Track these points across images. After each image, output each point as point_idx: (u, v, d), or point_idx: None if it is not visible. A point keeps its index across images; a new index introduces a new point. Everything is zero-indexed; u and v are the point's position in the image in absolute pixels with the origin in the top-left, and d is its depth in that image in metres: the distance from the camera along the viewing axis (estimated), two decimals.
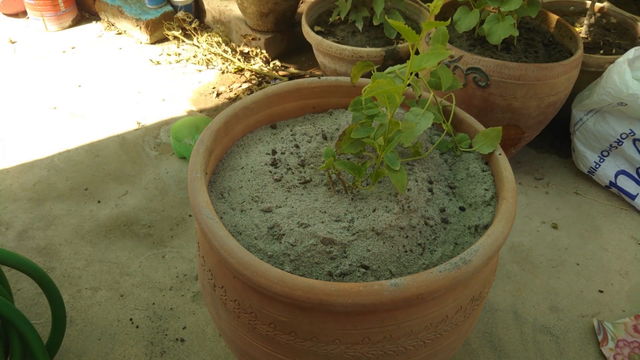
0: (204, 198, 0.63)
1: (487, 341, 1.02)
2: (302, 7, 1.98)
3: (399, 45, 1.48)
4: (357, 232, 0.62)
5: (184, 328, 1.03)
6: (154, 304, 1.08)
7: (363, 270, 0.60)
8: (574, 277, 1.15)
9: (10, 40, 2.00)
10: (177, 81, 1.80)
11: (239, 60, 1.82)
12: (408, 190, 0.68)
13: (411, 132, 0.64)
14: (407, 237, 0.64)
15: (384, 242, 0.62)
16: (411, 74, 0.61)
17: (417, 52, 0.60)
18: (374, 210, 0.65)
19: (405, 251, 0.63)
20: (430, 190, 0.70)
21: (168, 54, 1.91)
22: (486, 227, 0.66)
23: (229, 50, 1.88)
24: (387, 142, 0.62)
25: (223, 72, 1.83)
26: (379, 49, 1.44)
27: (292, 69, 1.83)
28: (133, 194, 1.35)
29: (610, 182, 1.34)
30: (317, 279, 0.59)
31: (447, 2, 1.35)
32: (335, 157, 0.66)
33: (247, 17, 1.84)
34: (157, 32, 2.00)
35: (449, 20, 0.62)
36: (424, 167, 0.74)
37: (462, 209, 0.70)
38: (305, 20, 1.57)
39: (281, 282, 0.54)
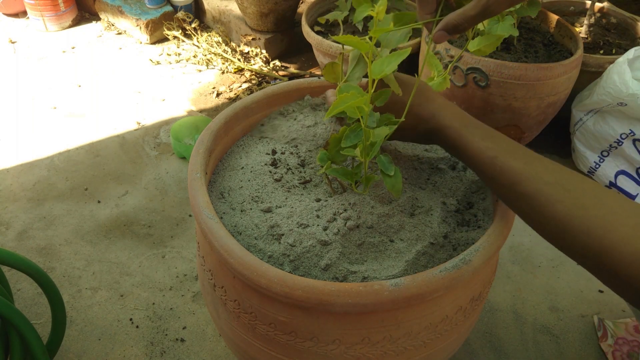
0: (204, 198, 0.63)
1: (487, 341, 1.02)
2: (302, 7, 1.99)
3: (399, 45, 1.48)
4: (353, 236, 0.63)
5: (184, 328, 1.03)
6: (154, 304, 1.08)
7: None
8: (574, 277, 1.15)
9: (10, 40, 2.00)
10: (177, 81, 1.80)
11: (239, 60, 1.82)
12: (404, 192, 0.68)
13: (389, 78, 0.62)
14: (402, 240, 0.64)
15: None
16: (374, 81, 0.58)
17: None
18: (360, 213, 0.65)
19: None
20: None
21: (168, 54, 1.91)
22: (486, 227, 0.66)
23: (229, 50, 1.88)
24: (366, 150, 0.61)
25: (223, 72, 1.83)
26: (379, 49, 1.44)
27: (292, 69, 1.83)
28: (133, 194, 1.35)
29: (610, 182, 1.34)
30: (316, 279, 0.59)
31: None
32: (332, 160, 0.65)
33: (247, 17, 1.84)
34: (157, 32, 2.00)
35: (391, 25, 0.60)
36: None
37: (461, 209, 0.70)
38: (305, 20, 1.57)
39: (281, 282, 0.54)
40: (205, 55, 1.86)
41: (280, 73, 1.80)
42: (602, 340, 1.00)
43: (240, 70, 1.82)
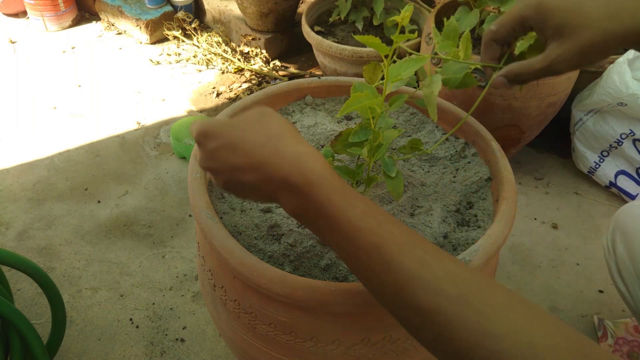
0: (203, 198, 0.63)
1: None
2: (302, 7, 1.98)
3: (400, 45, 1.48)
4: None
5: (184, 328, 1.03)
6: (154, 304, 1.08)
7: None
8: (574, 277, 1.15)
9: (10, 40, 2.00)
10: (177, 81, 1.80)
11: (239, 60, 1.82)
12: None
13: (430, 97, 0.60)
14: None
15: None
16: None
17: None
18: None
19: None
20: None
21: (168, 54, 1.91)
22: (486, 227, 0.66)
23: (229, 50, 1.88)
24: (372, 151, 0.61)
25: (223, 72, 1.83)
26: None
27: (292, 69, 1.83)
28: (133, 194, 1.35)
29: (610, 182, 1.34)
30: (316, 279, 0.59)
31: (447, 2, 1.35)
32: (334, 157, 0.66)
33: (247, 17, 1.84)
34: (157, 32, 2.00)
35: (416, 34, 0.59)
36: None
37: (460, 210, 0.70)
38: (305, 20, 1.57)
39: (281, 282, 0.54)
40: (205, 55, 1.86)
41: (280, 73, 1.80)
42: (602, 340, 1.00)
43: (240, 70, 1.82)
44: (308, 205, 0.42)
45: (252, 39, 1.87)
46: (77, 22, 2.13)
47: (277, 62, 1.83)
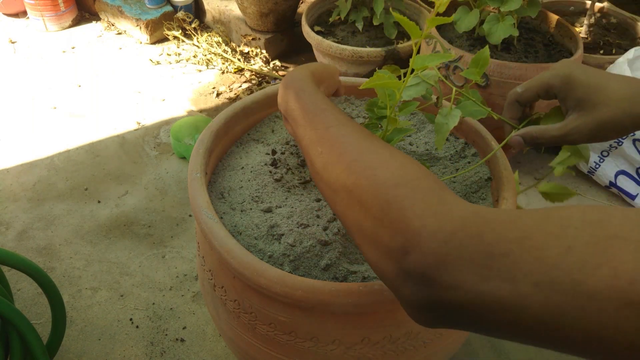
0: (203, 198, 0.63)
1: (487, 341, 1.02)
2: (302, 7, 1.99)
3: (399, 45, 1.48)
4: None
5: (184, 328, 1.03)
6: (154, 304, 1.08)
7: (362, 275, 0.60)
8: None
9: (10, 40, 2.00)
10: (177, 81, 1.80)
11: (239, 60, 1.82)
12: None
13: (443, 128, 0.60)
14: None
15: None
16: (412, 71, 0.59)
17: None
18: None
19: None
20: None
21: (168, 54, 1.91)
22: None
23: (229, 50, 1.88)
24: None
25: (223, 72, 1.83)
26: (379, 49, 1.45)
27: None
28: (133, 194, 1.35)
29: (610, 182, 1.34)
30: (316, 279, 0.59)
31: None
32: None
33: (247, 17, 1.84)
34: (157, 32, 2.00)
35: (452, 17, 0.60)
36: None
37: None
38: (305, 20, 1.57)
39: (281, 282, 0.54)
40: (205, 55, 1.86)
41: (280, 73, 1.80)
42: None
43: (240, 70, 1.82)
44: (289, 98, 0.55)
45: (252, 39, 1.87)
46: (77, 22, 2.13)
47: (277, 62, 1.83)
